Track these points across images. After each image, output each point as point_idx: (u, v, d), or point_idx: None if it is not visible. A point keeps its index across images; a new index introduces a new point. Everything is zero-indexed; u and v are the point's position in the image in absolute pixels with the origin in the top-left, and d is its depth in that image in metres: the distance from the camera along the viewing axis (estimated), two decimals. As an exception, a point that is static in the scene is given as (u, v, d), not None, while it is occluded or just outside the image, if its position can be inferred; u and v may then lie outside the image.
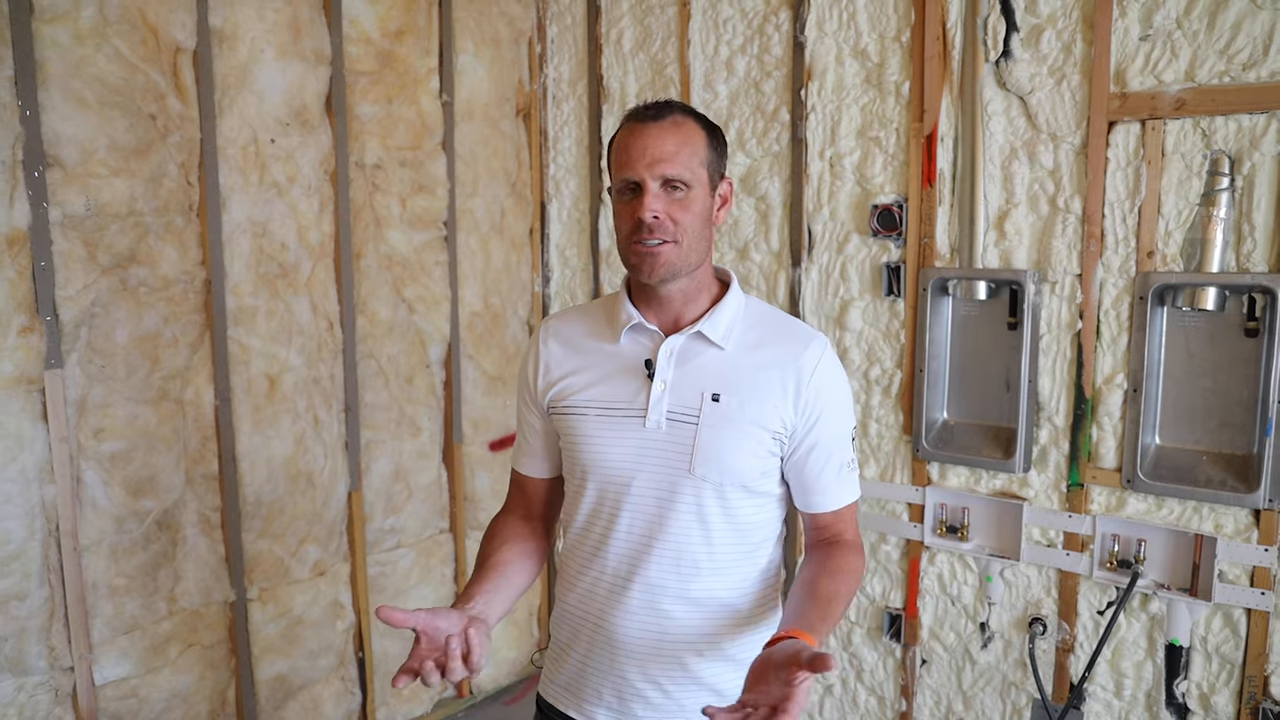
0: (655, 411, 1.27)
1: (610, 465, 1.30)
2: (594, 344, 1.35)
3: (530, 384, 1.39)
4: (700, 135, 1.27)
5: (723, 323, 1.30)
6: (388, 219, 2.68)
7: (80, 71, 2.03)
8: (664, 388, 1.28)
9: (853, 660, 2.59)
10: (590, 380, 1.33)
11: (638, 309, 1.32)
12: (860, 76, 2.42)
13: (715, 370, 1.28)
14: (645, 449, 1.28)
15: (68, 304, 2.06)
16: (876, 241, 2.43)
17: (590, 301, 1.46)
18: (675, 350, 1.29)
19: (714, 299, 1.33)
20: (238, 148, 2.31)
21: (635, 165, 1.23)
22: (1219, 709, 2.06)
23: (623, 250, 1.28)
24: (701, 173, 1.26)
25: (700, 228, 1.26)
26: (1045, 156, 2.16)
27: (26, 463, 2.02)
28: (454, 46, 2.80)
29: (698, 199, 1.26)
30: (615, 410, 1.30)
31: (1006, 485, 2.29)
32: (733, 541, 1.31)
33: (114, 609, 2.18)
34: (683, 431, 1.26)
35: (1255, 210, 1.93)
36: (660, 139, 1.24)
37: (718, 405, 1.26)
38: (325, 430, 2.57)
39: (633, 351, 1.32)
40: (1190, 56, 1.96)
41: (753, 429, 1.26)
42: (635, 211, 1.24)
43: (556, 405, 1.35)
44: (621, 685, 1.32)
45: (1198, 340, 2.04)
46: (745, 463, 1.27)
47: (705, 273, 1.32)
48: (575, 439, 1.33)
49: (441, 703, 2.99)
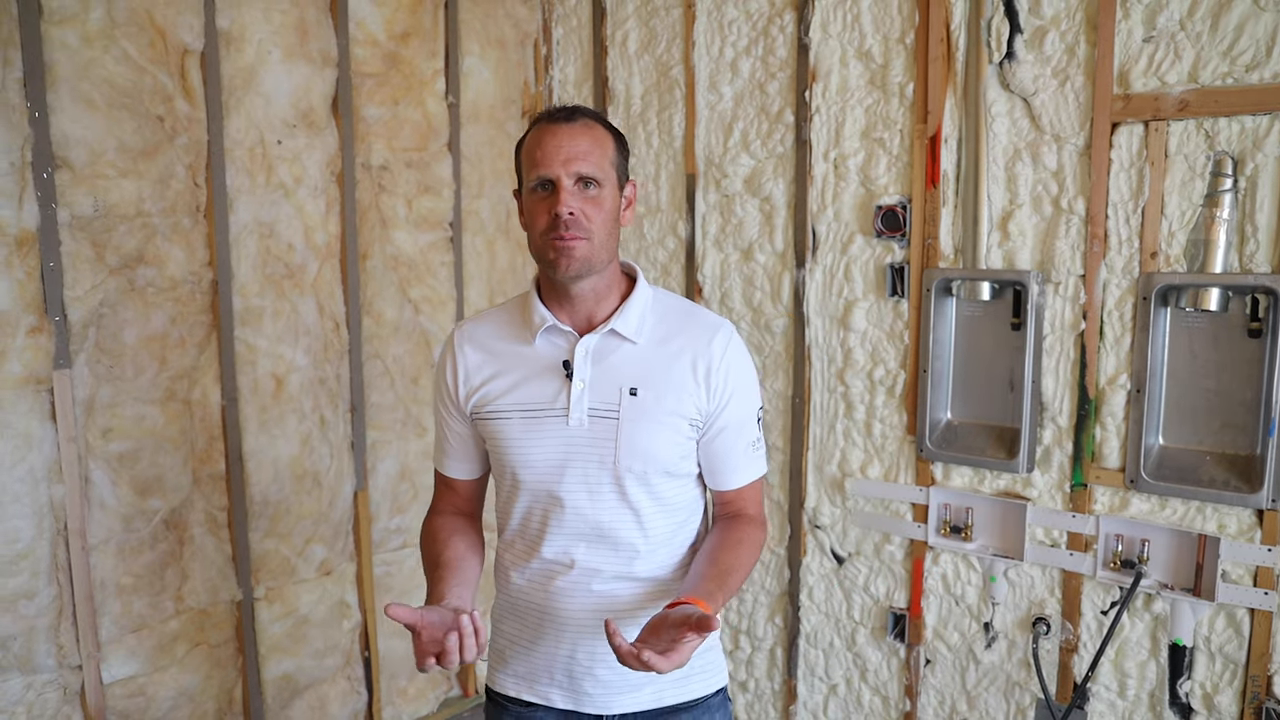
0: (577, 409, 1.33)
1: (539, 464, 1.35)
2: (509, 346, 1.39)
3: (451, 391, 1.42)
4: (609, 138, 1.34)
5: (634, 318, 1.36)
6: (394, 220, 2.69)
7: (89, 73, 2.04)
8: (583, 386, 1.33)
9: (857, 660, 2.59)
10: (511, 384, 1.37)
11: (550, 310, 1.36)
12: (864, 78, 2.43)
13: (630, 365, 1.34)
14: (571, 445, 1.33)
15: (76, 304, 2.07)
16: (880, 242, 2.43)
17: (499, 304, 1.50)
18: (591, 349, 1.34)
19: (623, 295, 1.38)
20: (245, 149, 2.33)
21: (551, 163, 1.28)
22: (1222, 709, 2.06)
23: (538, 247, 1.32)
24: (611, 173, 1.32)
25: (610, 225, 1.32)
26: (1049, 157, 2.17)
27: (35, 462, 2.03)
28: (460, 48, 2.81)
29: (608, 197, 1.31)
30: (538, 411, 1.34)
31: (1010, 485, 2.30)
32: (663, 521, 1.38)
33: (122, 608, 2.19)
34: (604, 426, 1.32)
35: (1258, 211, 1.93)
36: (573, 138, 1.29)
37: (636, 399, 1.32)
38: (331, 430, 2.58)
39: (549, 353, 1.36)
40: (1194, 58, 1.96)
41: (670, 419, 1.33)
42: (551, 207, 1.28)
43: (480, 411, 1.39)
44: (571, 665, 1.38)
45: (1201, 341, 2.04)
46: (665, 450, 1.34)
47: (614, 270, 1.37)
48: (502, 442, 1.37)
49: (447, 702, 3.00)
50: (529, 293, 1.39)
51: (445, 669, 1.21)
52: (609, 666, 1.35)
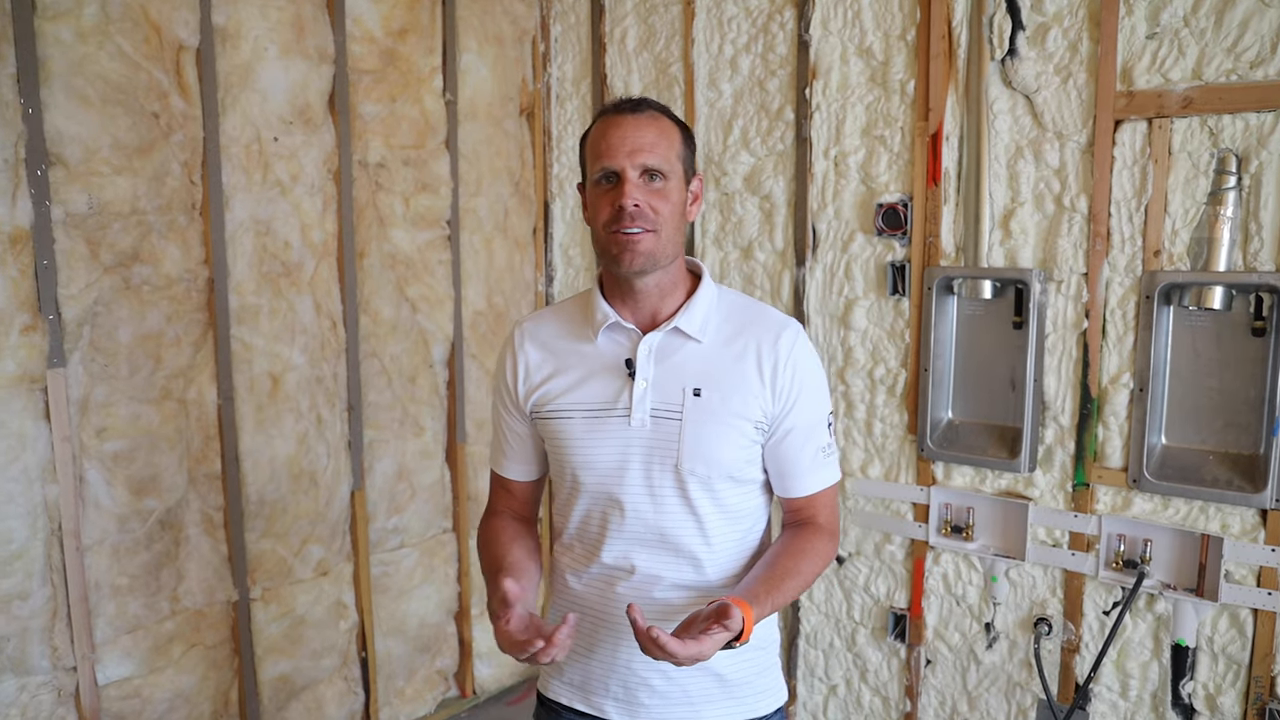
0: (639, 410, 1.28)
1: (600, 465, 1.31)
2: (571, 345, 1.35)
3: (510, 389, 1.39)
4: (676, 131, 1.30)
5: (698, 316, 1.31)
6: (391, 218, 2.67)
7: (83, 69, 2.02)
8: (646, 385, 1.28)
9: (857, 660, 2.58)
10: (571, 382, 1.33)
11: (612, 307, 1.32)
12: (865, 75, 2.41)
13: (694, 365, 1.29)
14: (632, 447, 1.29)
15: (70, 303, 2.05)
16: (881, 240, 2.42)
17: (561, 301, 1.46)
18: (654, 347, 1.30)
19: (688, 292, 1.34)
20: (241, 146, 2.31)
21: (615, 154, 1.25)
22: (1225, 710, 2.05)
23: (601, 241, 1.28)
24: (677, 166, 1.28)
25: (676, 219, 1.28)
26: (1051, 155, 2.15)
27: (29, 462, 2.01)
28: (457, 45, 2.79)
29: (674, 190, 1.27)
30: (600, 411, 1.30)
31: (1011, 485, 2.28)
32: (726, 529, 1.32)
33: (117, 609, 2.18)
34: (667, 427, 1.28)
35: (1262, 209, 1.92)
36: (639, 130, 1.26)
37: (699, 400, 1.27)
38: (328, 430, 2.57)
39: (611, 351, 1.32)
40: (1197, 54, 1.95)
41: (735, 421, 1.28)
42: (615, 200, 1.24)
43: (540, 410, 1.35)
44: (627, 675, 1.33)
45: (1204, 340, 2.03)
46: (730, 454, 1.29)
47: (679, 267, 1.33)
48: (562, 442, 1.33)
49: (445, 703, 2.99)
50: (592, 289, 1.35)
51: (534, 662, 1.18)
52: (666, 678, 1.32)
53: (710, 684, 1.33)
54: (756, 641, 1.35)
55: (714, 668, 1.32)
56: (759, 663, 1.39)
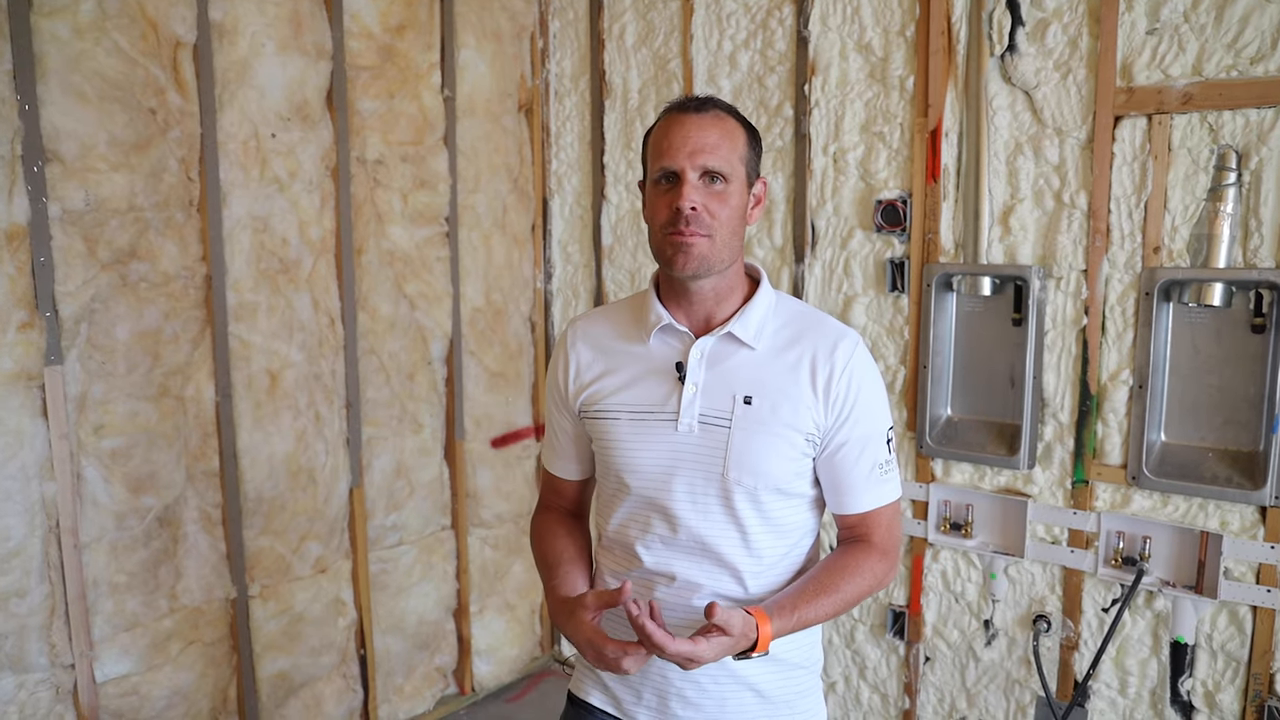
0: (687, 415, 1.25)
1: (644, 469, 1.28)
2: (623, 345, 1.33)
3: (561, 387, 1.38)
4: (741, 132, 1.26)
5: (753, 323, 1.28)
6: (389, 215, 2.67)
7: (79, 66, 2.01)
8: (695, 391, 1.26)
9: (856, 657, 2.58)
10: (621, 383, 1.31)
11: (667, 309, 1.30)
12: (864, 71, 2.41)
13: (747, 372, 1.26)
14: (678, 453, 1.26)
15: (67, 300, 2.05)
16: (880, 237, 2.42)
17: (616, 301, 1.44)
18: (706, 352, 1.27)
19: (745, 298, 1.31)
20: (238, 143, 2.30)
21: (676, 154, 1.22)
22: (1224, 707, 2.05)
23: (656, 242, 1.26)
24: (740, 169, 1.24)
25: (735, 224, 1.24)
26: (1050, 151, 2.15)
27: (26, 459, 2.01)
28: (455, 41, 2.78)
29: (735, 194, 1.24)
30: (647, 414, 1.28)
31: (1011, 482, 2.28)
32: (771, 542, 1.29)
33: (115, 606, 2.17)
34: (715, 435, 1.24)
35: (1263, 205, 1.91)
36: (702, 130, 1.22)
37: (750, 408, 1.24)
38: (326, 427, 2.56)
39: (662, 353, 1.29)
40: (1198, 50, 1.95)
41: (785, 431, 1.24)
42: (673, 201, 1.21)
43: (588, 409, 1.33)
44: (661, 684, 1.30)
45: (1204, 336, 2.03)
46: (779, 466, 1.25)
47: (736, 271, 1.30)
48: (608, 443, 1.31)
49: (443, 700, 2.99)
50: (647, 290, 1.33)
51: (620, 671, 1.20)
52: (701, 689, 1.29)
53: (748, 700, 1.31)
54: (801, 660, 1.34)
55: (754, 683, 1.30)
56: (802, 684, 1.36)
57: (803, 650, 1.35)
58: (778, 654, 1.28)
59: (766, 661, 1.27)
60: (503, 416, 3.06)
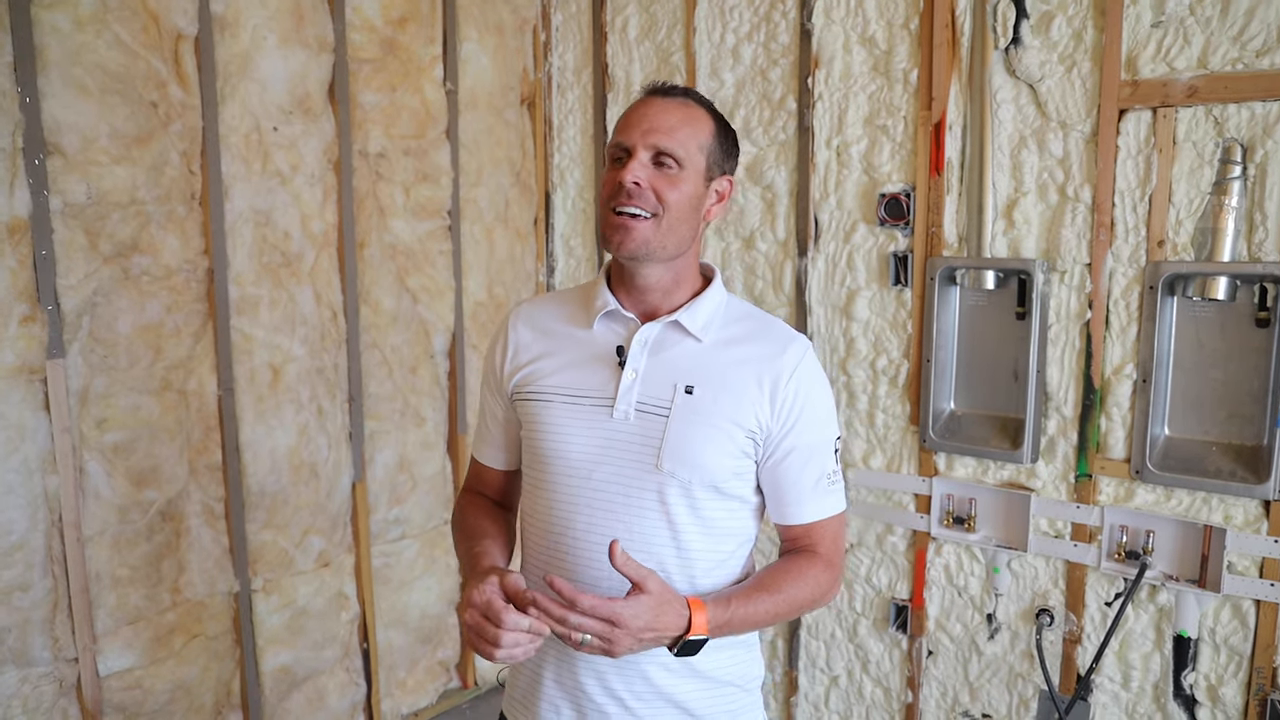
0: (624, 401, 1.20)
1: (571, 456, 1.22)
2: (566, 329, 1.28)
3: (496, 368, 1.32)
4: (707, 122, 1.22)
5: (701, 315, 1.24)
6: (391, 208, 2.66)
7: (80, 58, 2.01)
8: (635, 377, 1.21)
9: (859, 651, 2.58)
10: (558, 366, 1.25)
11: (615, 296, 1.26)
12: (868, 64, 2.40)
13: (691, 362, 1.21)
14: (610, 441, 1.20)
15: (69, 293, 2.04)
16: (883, 230, 2.41)
17: (568, 288, 1.39)
18: (650, 339, 1.22)
19: (695, 293, 1.27)
20: (240, 136, 2.30)
21: (630, 131, 1.19)
22: (1227, 700, 2.05)
23: (600, 220, 1.22)
24: (699, 158, 1.20)
25: (685, 212, 1.20)
26: (1055, 145, 2.14)
27: (29, 453, 2.01)
28: (458, 34, 2.77)
29: (688, 180, 1.19)
30: (582, 398, 1.22)
31: (1014, 476, 2.28)
32: (703, 547, 1.22)
33: (118, 600, 2.17)
34: (651, 424, 1.19)
35: (1267, 199, 1.91)
36: (663, 112, 1.19)
37: (691, 398, 1.19)
38: (329, 421, 2.56)
39: (605, 338, 1.25)
40: (1203, 43, 1.94)
41: (726, 425, 1.19)
42: (618, 176, 1.17)
43: (521, 390, 1.27)
44: (580, 699, 1.23)
45: (1208, 330, 2.02)
46: (716, 460, 1.19)
47: (687, 265, 1.26)
48: (537, 426, 1.25)
49: (446, 694, 2.99)
50: (599, 277, 1.29)
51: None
52: (624, 706, 1.22)
53: (674, 716, 1.23)
54: (733, 677, 1.27)
55: (677, 699, 1.23)
56: (735, 703, 1.28)
57: (738, 666, 1.28)
58: (708, 672, 1.23)
59: (695, 678, 1.23)
60: (505, 410, 3.06)
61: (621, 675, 1.22)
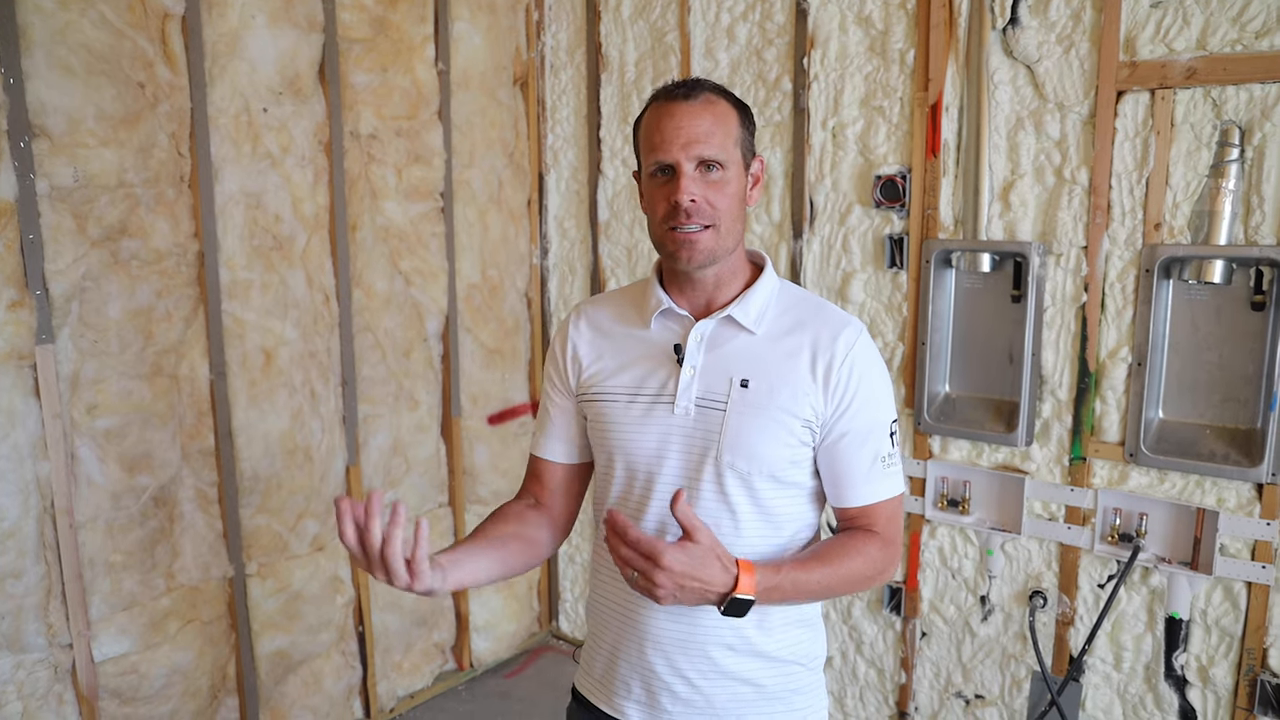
0: (684, 398, 1.24)
1: (638, 452, 1.27)
2: (624, 329, 1.32)
3: (560, 368, 1.37)
4: (733, 114, 1.23)
5: (754, 307, 1.26)
6: (384, 190, 2.64)
7: (65, 38, 1.97)
8: (693, 373, 1.25)
9: (853, 633, 2.59)
10: (619, 366, 1.30)
11: (668, 293, 1.29)
12: (864, 44, 2.37)
13: (745, 355, 1.25)
14: (672, 435, 1.25)
15: (58, 278, 2.02)
16: (879, 213, 2.40)
17: (622, 287, 1.43)
18: (705, 335, 1.26)
19: (747, 282, 1.29)
20: (229, 117, 2.27)
21: (669, 147, 1.19)
22: (1217, 681, 2.07)
23: (658, 236, 1.24)
24: (735, 153, 1.22)
25: (735, 210, 1.23)
26: (1052, 126, 2.13)
27: (19, 439, 1.99)
28: (450, 13, 2.74)
29: (733, 180, 1.22)
30: (644, 396, 1.27)
31: (1008, 459, 2.28)
32: (764, 534, 1.26)
33: (112, 586, 2.17)
34: (711, 418, 1.23)
35: (1265, 182, 1.90)
36: (694, 119, 1.19)
37: (747, 391, 1.23)
38: (322, 404, 2.55)
39: (662, 337, 1.29)
40: (1202, 24, 1.92)
41: (782, 416, 1.22)
42: (671, 195, 1.19)
43: (586, 391, 1.33)
44: (650, 678, 1.29)
45: (1203, 314, 2.02)
46: (773, 451, 1.22)
47: (739, 256, 1.28)
48: (604, 425, 1.30)
49: (442, 676, 3.00)
50: (650, 276, 1.32)
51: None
52: (690, 685, 1.27)
53: (740, 692, 1.28)
54: (798, 656, 1.31)
55: (742, 677, 1.27)
56: (799, 680, 1.33)
57: (801, 645, 1.31)
58: (769, 652, 1.27)
59: (757, 658, 1.26)
60: (499, 393, 3.05)
61: (686, 655, 1.27)
